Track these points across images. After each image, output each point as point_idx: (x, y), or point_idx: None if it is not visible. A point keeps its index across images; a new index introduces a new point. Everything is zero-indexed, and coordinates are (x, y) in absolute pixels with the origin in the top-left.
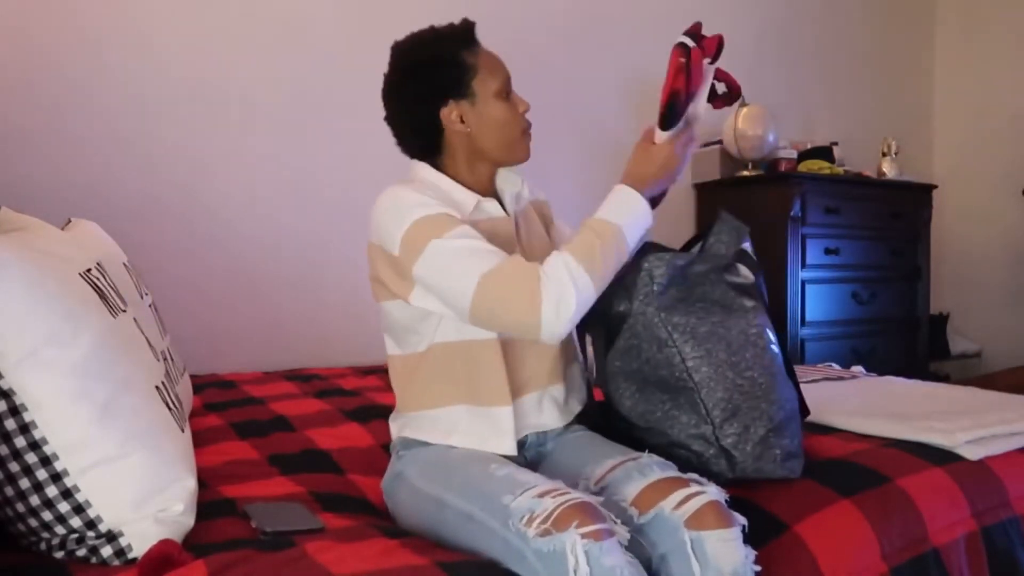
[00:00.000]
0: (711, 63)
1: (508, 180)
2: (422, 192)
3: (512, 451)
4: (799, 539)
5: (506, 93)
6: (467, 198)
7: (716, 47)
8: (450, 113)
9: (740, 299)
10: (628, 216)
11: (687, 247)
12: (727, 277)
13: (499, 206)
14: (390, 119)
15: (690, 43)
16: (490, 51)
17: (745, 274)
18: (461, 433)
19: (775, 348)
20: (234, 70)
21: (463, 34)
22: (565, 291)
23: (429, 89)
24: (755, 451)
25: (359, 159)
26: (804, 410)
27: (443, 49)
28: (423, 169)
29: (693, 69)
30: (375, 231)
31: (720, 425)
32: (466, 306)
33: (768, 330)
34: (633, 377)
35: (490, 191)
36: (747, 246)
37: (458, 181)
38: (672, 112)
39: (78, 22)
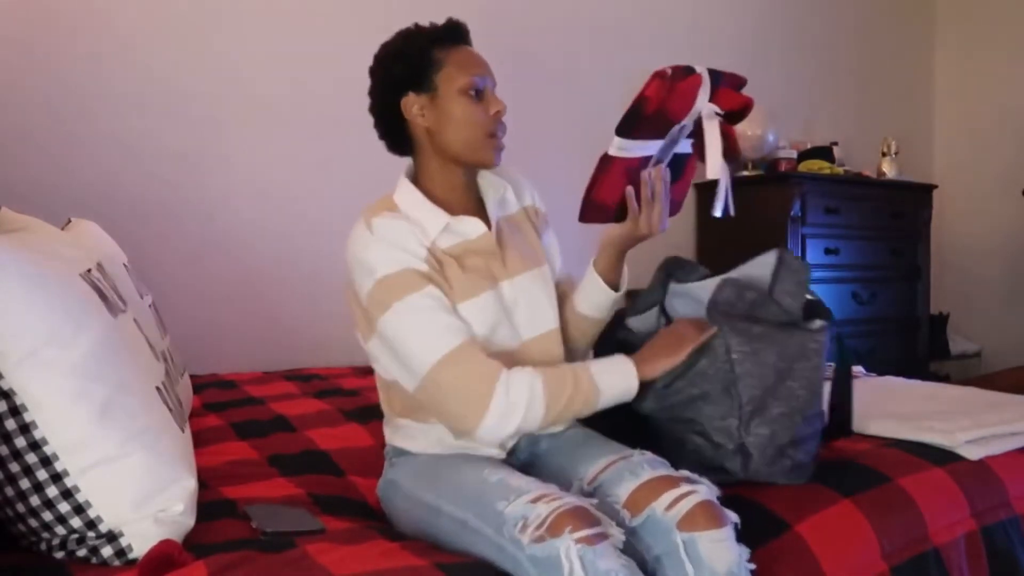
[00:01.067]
0: (721, 115)
1: (492, 184)
2: (390, 232)
3: (500, 455)
4: (800, 538)
5: (475, 92)
6: (435, 223)
7: (738, 107)
8: (411, 105)
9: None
10: (612, 392)
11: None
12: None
13: (478, 222)
14: (370, 110)
15: (704, 74)
16: (473, 52)
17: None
18: (447, 444)
19: (827, 372)
20: (235, 71)
21: (442, 32)
22: (514, 413)
23: (391, 78)
24: (771, 456)
25: (359, 159)
26: (848, 428)
27: (412, 43)
28: (402, 186)
29: (679, 93)
30: (348, 273)
31: (747, 422)
32: (414, 380)
33: (827, 351)
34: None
35: (469, 197)
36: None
37: (433, 186)
38: (632, 116)
39: (78, 22)
